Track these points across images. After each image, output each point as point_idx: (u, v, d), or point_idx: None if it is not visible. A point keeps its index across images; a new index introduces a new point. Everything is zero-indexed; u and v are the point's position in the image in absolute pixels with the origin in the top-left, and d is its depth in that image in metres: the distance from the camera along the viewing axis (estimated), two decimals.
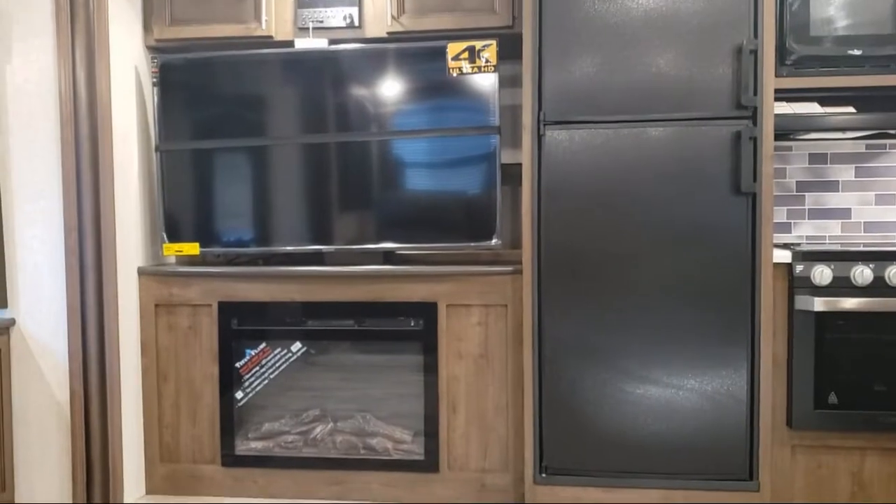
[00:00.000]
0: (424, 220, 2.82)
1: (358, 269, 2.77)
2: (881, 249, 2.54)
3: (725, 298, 2.48)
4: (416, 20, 2.82)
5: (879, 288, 2.46)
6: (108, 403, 2.69)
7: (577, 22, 2.49)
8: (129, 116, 2.86)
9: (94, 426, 2.69)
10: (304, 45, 2.85)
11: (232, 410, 2.86)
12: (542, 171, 2.54)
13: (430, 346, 2.74)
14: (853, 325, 2.48)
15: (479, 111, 2.74)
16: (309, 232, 2.89)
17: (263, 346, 2.85)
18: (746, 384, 2.49)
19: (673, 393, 2.51)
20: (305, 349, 2.85)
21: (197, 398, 2.86)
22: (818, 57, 2.61)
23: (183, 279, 2.85)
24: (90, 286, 2.65)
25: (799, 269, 2.49)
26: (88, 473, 2.69)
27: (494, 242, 2.75)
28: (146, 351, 2.87)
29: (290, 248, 2.89)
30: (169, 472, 2.89)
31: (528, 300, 2.59)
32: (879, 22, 2.58)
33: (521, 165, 2.60)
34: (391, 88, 2.81)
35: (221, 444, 2.85)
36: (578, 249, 2.53)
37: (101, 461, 2.70)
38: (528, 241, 2.57)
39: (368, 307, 2.77)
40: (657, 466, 2.54)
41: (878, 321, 2.48)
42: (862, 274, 2.46)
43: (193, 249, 2.89)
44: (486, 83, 2.73)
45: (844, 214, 3.05)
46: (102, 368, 2.68)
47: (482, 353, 2.72)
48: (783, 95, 2.61)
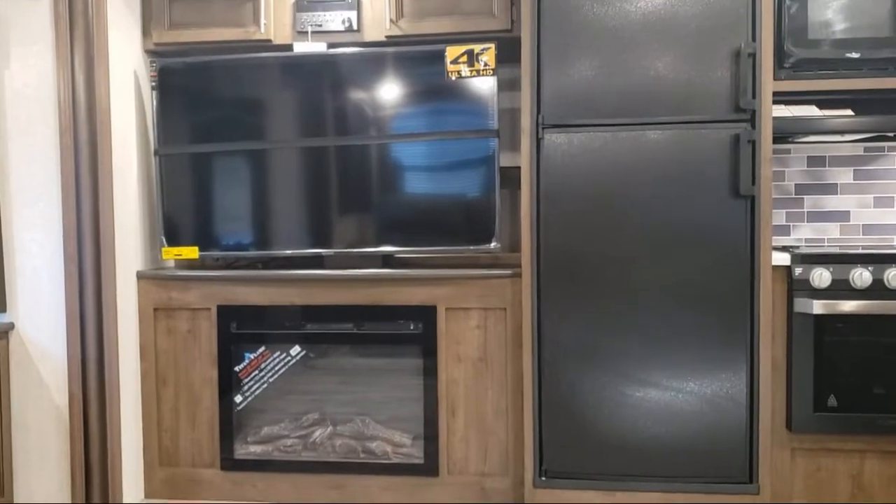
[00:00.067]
0: (424, 223, 2.82)
1: (357, 272, 2.77)
2: (880, 252, 2.54)
3: (725, 301, 2.48)
4: (414, 24, 2.82)
5: (878, 290, 2.46)
6: (107, 407, 2.69)
7: (575, 25, 2.50)
8: (128, 120, 2.86)
9: (92, 430, 2.69)
10: (302, 48, 2.85)
11: (231, 414, 2.85)
12: (540, 174, 2.54)
13: (429, 349, 2.74)
14: (852, 327, 2.48)
15: (477, 115, 2.75)
16: (308, 235, 2.89)
17: (262, 349, 2.85)
18: (746, 387, 2.49)
19: (672, 396, 2.51)
20: (305, 353, 2.85)
21: (196, 402, 2.86)
22: (816, 60, 2.61)
23: (182, 283, 2.85)
24: (89, 290, 2.65)
25: (798, 271, 2.50)
26: (87, 477, 2.69)
27: (493, 246, 2.75)
28: (145, 355, 2.87)
29: (289, 251, 2.88)
30: (168, 475, 2.88)
31: (527, 303, 2.59)
32: (877, 25, 2.59)
33: (519, 169, 2.60)
34: (390, 92, 2.81)
35: (220, 447, 2.85)
36: (577, 252, 2.53)
37: (99, 465, 2.69)
38: (527, 244, 2.58)
39: (368, 311, 2.77)
40: (657, 469, 2.54)
41: (877, 324, 2.48)
42: (861, 276, 2.46)
43: (192, 253, 2.89)
44: (484, 87, 2.73)
45: (843, 217, 3.05)
46: (101, 372, 2.68)
47: (481, 356, 2.72)
48: (781, 98, 2.62)
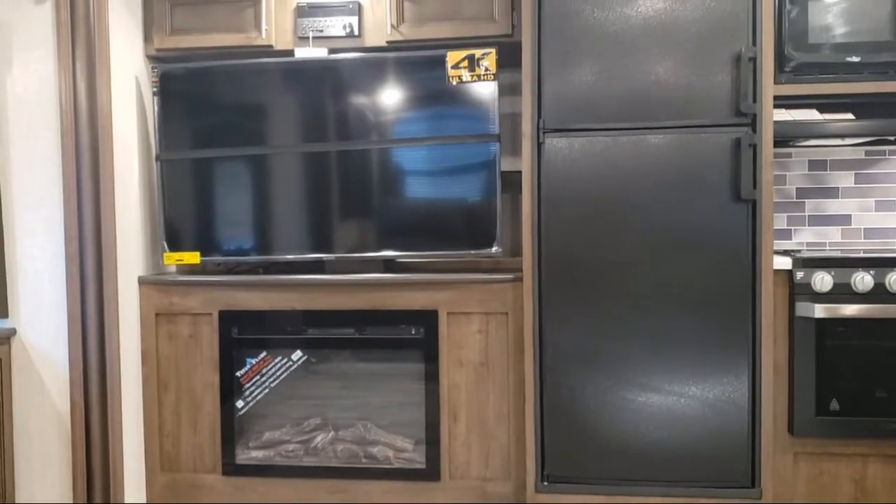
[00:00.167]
0: (425, 228, 2.83)
1: (358, 277, 2.77)
2: (881, 256, 2.54)
3: (726, 305, 2.48)
4: (415, 29, 2.83)
5: (880, 294, 2.46)
6: (108, 413, 2.69)
7: (576, 30, 2.50)
8: (129, 126, 2.87)
9: (94, 435, 2.69)
10: (304, 54, 2.86)
11: (232, 419, 2.85)
12: (541, 178, 2.54)
13: (430, 354, 2.74)
14: (854, 331, 2.48)
15: (478, 119, 2.75)
16: (309, 240, 2.90)
17: (264, 354, 2.85)
18: (748, 391, 2.48)
19: (674, 400, 2.51)
20: (306, 358, 2.84)
21: (197, 407, 2.86)
22: (817, 64, 2.61)
23: (183, 288, 2.85)
24: (91, 295, 2.66)
25: (799, 275, 2.50)
26: (89, 483, 2.69)
27: (495, 250, 2.75)
28: (147, 360, 2.87)
29: (290, 256, 2.89)
30: (169, 481, 2.88)
31: (528, 308, 2.59)
32: (877, 29, 2.59)
33: (521, 173, 2.60)
34: (391, 97, 2.81)
35: (222, 453, 2.85)
36: (579, 257, 2.53)
37: (101, 470, 2.69)
38: (528, 248, 2.58)
39: (369, 315, 2.77)
40: (659, 474, 2.53)
41: (878, 328, 2.48)
42: (862, 280, 2.46)
43: (194, 258, 2.89)
44: (485, 91, 2.73)
45: (844, 221, 3.05)
46: (103, 378, 2.68)
47: (483, 360, 2.72)
48: (782, 102, 2.62)
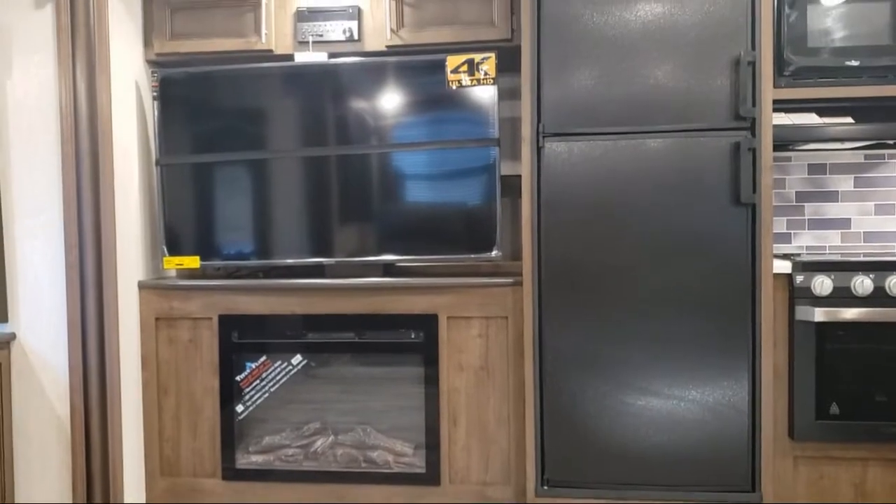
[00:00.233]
0: (425, 232, 2.83)
1: (358, 281, 2.77)
2: (881, 259, 2.54)
3: (726, 309, 2.48)
4: (415, 33, 2.83)
5: (880, 298, 2.46)
6: (108, 417, 2.69)
7: (575, 34, 2.51)
8: (129, 130, 2.87)
9: (94, 440, 2.68)
10: (303, 58, 2.86)
11: (232, 424, 2.85)
12: (541, 182, 2.54)
13: (430, 358, 2.73)
14: (854, 335, 2.48)
15: (478, 123, 2.75)
16: (309, 244, 2.90)
17: (264, 359, 2.85)
18: (748, 395, 2.48)
19: (674, 404, 2.51)
20: (306, 362, 2.84)
21: (197, 412, 2.86)
22: (816, 68, 2.61)
23: (183, 292, 2.85)
24: (91, 300, 2.66)
25: (799, 279, 2.50)
26: (89, 487, 2.69)
27: (494, 254, 2.76)
28: (146, 364, 2.87)
29: (290, 260, 2.89)
30: (169, 485, 2.88)
31: (528, 312, 2.59)
32: (876, 33, 2.59)
33: (520, 177, 2.60)
34: (391, 101, 2.82)
35: (222, 457, 2.85)
36: (578, 261, 2.53)
37: (101, 475, 2.69)
38: (528, 252, 2.58)
39: (369, 319, 2.77)
40: (659, 478, 2.53)
41: (878, 331, 2.48)
42: (862, 284, 2.46)
43: (194, 263, 2.89)
44: (485, 96, 2.73)
45: (844, 224, 3.06)
46: (103, 382, 2.68)
47: (483, 364, 2.72)
48: (781, 106, 2.62)
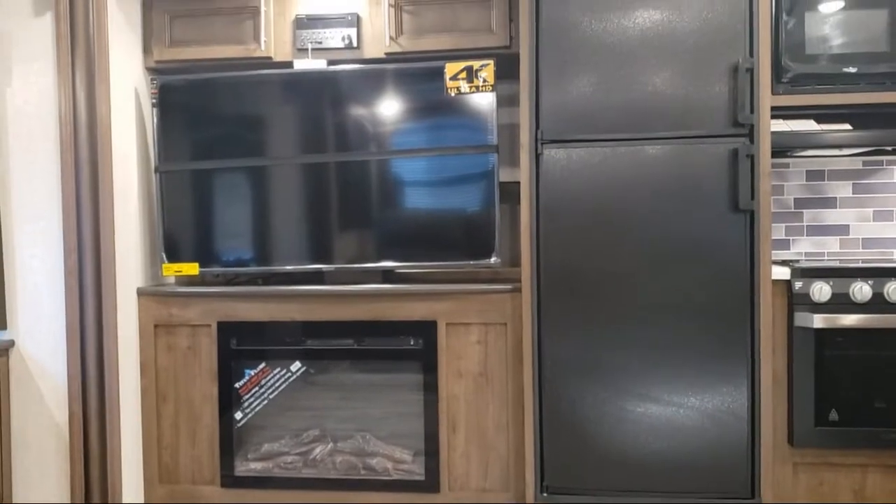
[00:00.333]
0: (424, 238, 2.83)
1: (357, 287, 2.77)
2: (880, 266, 2.53)
3: (724, 316, 2.47)
4: (414, 41, 2.84)
5: (878, 304, 2.46)
6: (107, 425, 2.68)
7: (573, 41, 2.51)
8: (128, 137, 2.87)
9: (92, 448, 2.68)
10: (303, 65, 2.87)
11: (231, 431, 2.85)
12: (540, 189, 2.54)
13: (429, 364, 2.73)
14: (853, 341, 2.48)
15: (477, 130, 2.76)
16: (308, 251, 2.90)
17: (263, 365, 2.85)
18: (747, 401, 2.48)
19: (674, 411, 2.51)
20: (305, 369, 2.84)
21: (196, 419, 2.85)
22: (814, 75, 2.62)
23: (182, 299, 2.85)
24: (89, 307, 2.65)
25: (798, 285, 2.50)
26: (87, 495, 2.68)
27: (493, 261, 2.76)
28: (145, 371, 2.86)
29: (289, 267, 2.89)
30: (168, 493, 2.87)
31: (527, 318, 2.58)
32: (874, 40, 2.60)
33: (519, 184, 2.61)
34: (390, 108, 2.82)
35: (221, 464, 2.84)
36: (577, 267, 2.54)
37: (99, 483, 2.68)
38: (526, 259, 2.58)
39: (368, 326, 2.76)
40: (659, 485, 2.53)
41: (877, 338, 2.48)
42: (861, 290, 2.46)
43: (193, 269, 2.89)
44: (484, 102, 2.74)
45: (843, 231, 3.06)
46: (101, 389, 2.68)
47: (482, 371, 2.72)
48: (780, 113, 2.63)
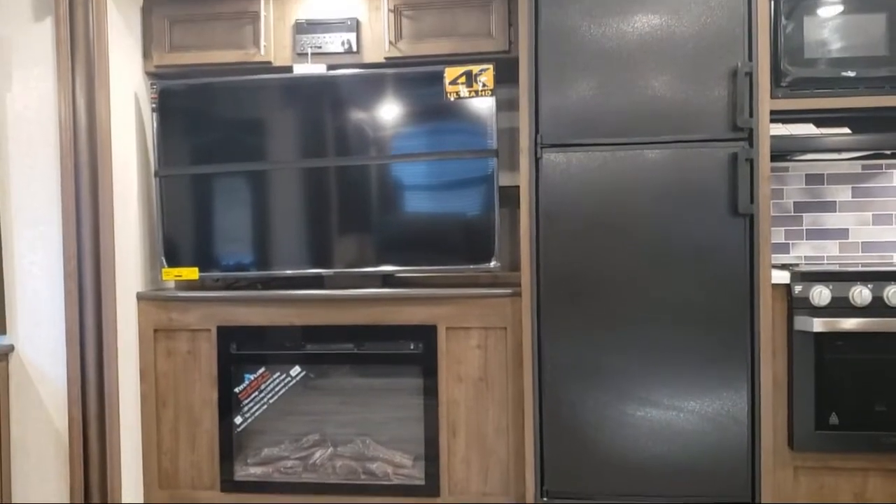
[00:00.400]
0: (423, 242, 2.83)
1: (357, 292, 2.77)
2: (879, 269, 2.54)
3: (724, 319, 2.47)
4: (413, 45, 2.84)
5: (878, 308, 2.46)
6: (106, 430, 2.68)
7: (573, 46, 2.52)
8: (128, 142, 2.87)
9: (92, 453, 2.67)
10: (302, 70, 2.87)
11: (231, 436, 2.84)
12: (539, 193, 2.55)
13: (429, 369, 2.73)
14: (852, 345, 2.48)
15: (476, 134, 2.76)
16: (308, 255, 2.90)
17: (262, 370, 2.84)
18: (747, 405, 2.48)
19: (674, 415, 2.50)
20: (305, 373, 2.84)
21: (196, 424, 2.85)
22: (813, 79, 2.63)
23: (182, 304, 2.84)
24: (89, 311, 2.65)
25: (797, 289, 2.50)
26: (87, 500, 2.67)
27: (493, 265, 2.76)
28: (145, 376, 2.86)
29: (289, 271, 2.89)
30: (168, 498, 2.86)
31: (527, 322, 2.58)
32: (873, 44, 2.61)
33: (519, 188, 2.61)
34: (389, 113, 2.82)
35: (220, 469, 2.84)
36: (577, 271, 2.54)
37: (99, 488, 2.68)
38: (526, 263, 2.58)
39: (368, 330, 2.76)
40: (659, 489, 2.52)
41: (877, 341, 2.48)
42: (861, 294, 2.46)
43: (192, 274, 2.89)
44: (483, 107, 2.74)
45: (842, 235, 3.06)
46: (101, 394, 2.67)
47: (482, 375, 2.72)
48: (779, 117, 2.63)
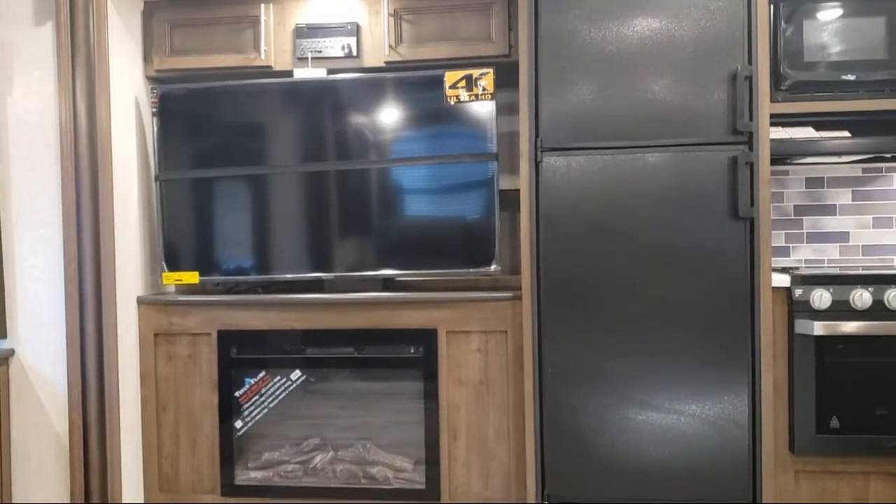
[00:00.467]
0: (424, 246, 2.83)
1: (357, 296, 2.77)
2: (880, 273, 2.54)
3: (725, 323, 2.47)
4: (413, 49, 2.84)
5: (879, 311, 2.46)
6: (107, 434, 2.68)
7: (573, 50, 2.52)
8: (128, 146, 2.88)
9: (92, 456, 2.67)
10: (302, 74, 2.87)
11: (231, 440, 2.84)
12: (539, 197, 2.55)
13: (430, 373, 2.73)
14: (853, 348, 2.48)
15: (477, 138, 2.76)
16: (308, 259, 2.90)
17: (263, 374, 2.84)
18: (748, 409, 2.47)
19: (675, 419, 2.50)
20: (305, 377, 2.84)
21: (196, 428, 2.85)
22: (813, 82, 2.63)
23: (182, 308, 2.84)
24: (90, 316, 2.65)
25: (798, 293, 2.50)
26: None
27: (494, 268, 2.76)
28: (145, 380, 2.86)
29: (289, 275, 2.89)
30: (168, 502, 2.86)
31: (527, 326, 2.58)
32: (872, 48, 2.61)
33: (519, 191, 2.61)
34: (389, 117, 2.83)
35: (221, 473, 2.83)
36: (577, 275, 2.53)
37: (99, 492, 2.68)
38: (527, 266, 2.58)
39: (368, 334, 2.76)
40: (660, 493, 2.52)
41: (878, 345, 2.47)
42: (861, 297, 2.46)
43: (193, 278, 2.89)
44: (483, 111, 2.75)
45: (842, 238, 3.06)
46: (102, 398, 2.67)
47: (482, 379, 2.71)
48: (779, 120, 2.63)
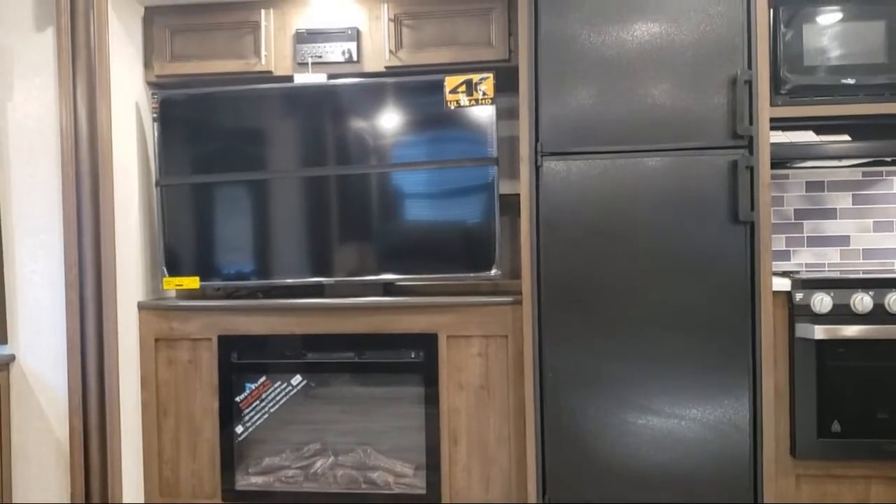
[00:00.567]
0: (424, 251, 2.83)
1: (358, 300, 2.77)
2: (880, 276, 2.53)
3: (726, 327, 2.47)
4: (413, 54, 2.85)
5: (879, 315, 2.46)
6: (107, 439, 2.67)
7: (573, 55, 2.52)
8: (129, 151, 2.88)
9: (93, 461, 2.67)
10: (303, 79, 2.88)
11: (232, 445, 2.84)
12: (540, 201, 2.55)
13: (430, 377, 2.73)
14: (854, 352, 2.47)
15: (477, 143, 2.76)
16: (309, 264, 2.90)
17: (263, 379, 2.84)
18: (749, 413, 2.47)
19: (675, 423, 2.50)
20: (305, 382, 2.84)
21: (197, 433, 2.85)
22: (812, 86, 2.64)
23: (183, 313, 2.84)
24: (90, 321, 2.65)
25: (799, 297, 2.49)
26: None
27: (494, 273, 2.76)
28: (146, 385, 2.86)
29: (290, 280, 2.89)
30: None
31: (528, 330, 2.58)
32: (872, 51, 2.61)
33: (519, 196, 2.61)
34: (390, 121, 2.83)
35: (221, 479, 2.83)
36: (578, 279, 2.53)
37: (100, 496, 2.67)
38: (527, 271, 2.58)
39: (369, 339, 2.76)
40: (661, 497, 2.51)
41: (879, 348, 2.47)
42: (862, 301, 2.46)
43: (193, 283, 2.89)
44: (483, 115, 2.75)
45: (843, 242, 3.06)
46: (102, 404, 2.67)
47: (483, 384, 2.71)
48: (779, 124, 2.64)
